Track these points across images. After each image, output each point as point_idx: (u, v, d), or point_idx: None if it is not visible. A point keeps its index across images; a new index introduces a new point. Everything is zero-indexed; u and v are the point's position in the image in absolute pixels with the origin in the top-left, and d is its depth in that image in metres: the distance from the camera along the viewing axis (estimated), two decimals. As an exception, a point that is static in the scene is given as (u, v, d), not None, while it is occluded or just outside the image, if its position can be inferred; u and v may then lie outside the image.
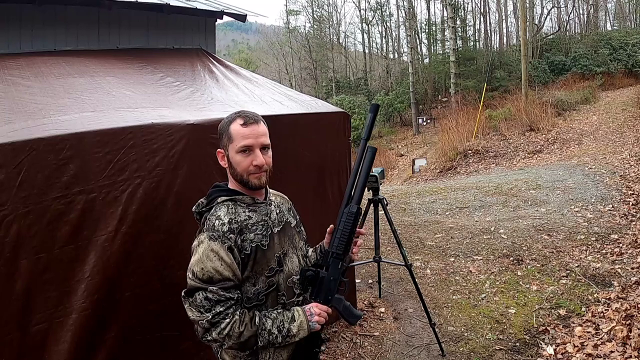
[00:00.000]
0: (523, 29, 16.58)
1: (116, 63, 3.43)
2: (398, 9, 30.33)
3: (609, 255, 4.66)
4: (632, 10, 26.82)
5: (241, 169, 1.46)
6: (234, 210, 1.47)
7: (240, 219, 1.46)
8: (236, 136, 1.46)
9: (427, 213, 7.04)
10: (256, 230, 1.47)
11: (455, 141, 14.19)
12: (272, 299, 1.49)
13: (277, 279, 1.49)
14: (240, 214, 1.47)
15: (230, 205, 1.47)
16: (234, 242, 1.41)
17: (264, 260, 1.46)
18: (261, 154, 1.46)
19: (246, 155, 1.45)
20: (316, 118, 3.26)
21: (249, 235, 1.45)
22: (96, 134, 2.09)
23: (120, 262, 2.11)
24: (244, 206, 1.49)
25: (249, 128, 1.45)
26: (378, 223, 3.44)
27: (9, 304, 1.90)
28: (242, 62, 36.11)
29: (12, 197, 1.88)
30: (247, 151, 1.45)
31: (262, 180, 1.48)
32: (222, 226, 1.41)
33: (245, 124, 1.46)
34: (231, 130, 1.47)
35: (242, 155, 1.45)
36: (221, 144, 1.51)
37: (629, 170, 8.08)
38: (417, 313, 3.79)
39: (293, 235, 1.61)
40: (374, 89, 28.58)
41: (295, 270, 1.56)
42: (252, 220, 1.48)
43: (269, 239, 1.48)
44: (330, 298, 1.52)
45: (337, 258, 1.55)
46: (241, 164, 1.45)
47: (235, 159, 1.46)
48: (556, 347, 3.18)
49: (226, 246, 1.39)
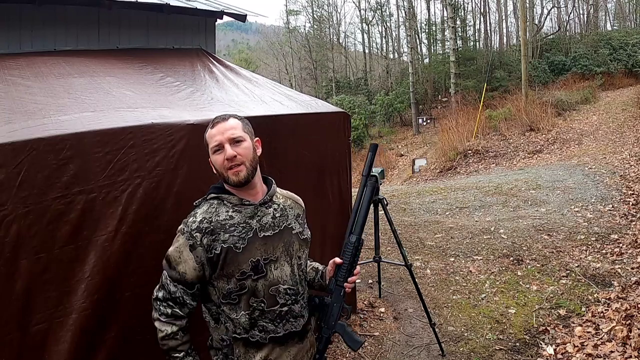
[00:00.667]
0: (523, 29, 16.58)
1: (116, 63, 3.43)
2: (398, 9, 30.36)
3: (609, 255, 4.66)
4: (632, 10, 26.82)
5: (219, 167, 1.50)
6: (215, 210, 1.50)
7: (219, 218, 1.48)
8: (208, 140, 1.52)
9: (427, 213, 7.04)
10: (233, 232, 1.46)
11: (455, 141, 14.19)
12: (245, 303, 1.49)
13: (250, 284, 1.47)
14: (221, 213, 1.49)
15: (213, 204, 1.51)
16: (199, 241, 1.44)
17: (235, 263, 1.45)
18: (232, 147, 1.47)
19: (219, 154, 1.49)
20: (316, 118, 3.26)
21: (222, 236, 1.45)
22: (96, 134, 2.09)
23: (120, 262, 2.11)
24: (230, 206, 1.50)
25: (215, 128, 1.50)
26: (378, 223, 3.44)
27: (9, 304, 1.90)
28: (242, 62, 36.10)
29: (12, 197, 1.88)
30: (219, 150, 1.49)
31: (241, 176, 1.47)
32: (192, 223, 1.47)
33: (213, 126, 1.51)
34: (206, 136, 1.54)
35: (216, 155, 1.50)
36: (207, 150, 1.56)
37: (629, 170, 8.08)
38: (417, 313, 3.79)
39: (291, 243, 1.57)
40: (374, 89, 28.58)
41: (284, 280, 1.52)
42: (233, 221, 1.48)
43: (246, 242, 1.46)
44: (333, 324, 1.58)
45: (340, 286, 1.59)
46: (217, 162, 1.50)
47: (212, 159, 1.52)
48: (556, 347, 3.18)
49: (189, 243, 1.45)
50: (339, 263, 1.60)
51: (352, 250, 1.57)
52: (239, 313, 1.49)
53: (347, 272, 1.57)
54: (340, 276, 1.58)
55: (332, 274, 1.63)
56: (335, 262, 1.61)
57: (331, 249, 3.31)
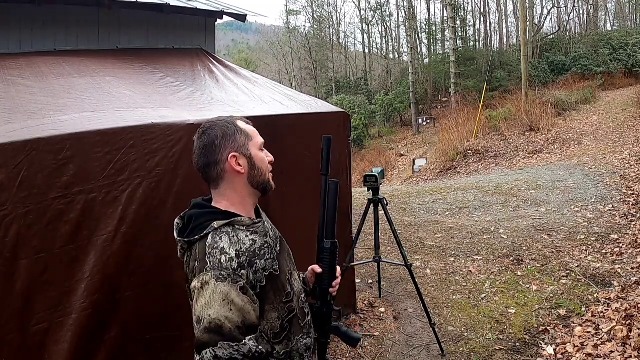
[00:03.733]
0: (523, 29, 16.59)
1: (116, 63, 3.43)
2: (398, 9, 30.36)
3: (609, 255, 4.66)
4: (632, 10, 26.82)
5: (265, 167, 1.34)
6: (237, 238, 1.23)
7: (246, 247, 1.23)
8: (252, 133, 1.34)
9: (427, 213, 7.04)
10: (265, 256, 1.26)
11: (455, 141, 14.19)
12: (296, 325, 1.33)
13: (293, 303, 1.33)
14: (244, 240, 1.24)
15: (230, 233, 1.23)
16: (246, 279, 1.19)
17: (280, 286, 1.29)
18: None
19: (263, 152, 1.35)
20: (316, 118, 3.26)
21: (260, 264, 1.23)
22: (96, 134, 2.09)
23: (120, 262, 2.11)
24: (244, 229, 1.26)
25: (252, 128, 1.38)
26: (378, 223, 3.44)
27: (9, 304, 1.90)
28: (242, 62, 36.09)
29: (12, 197, 1.88)
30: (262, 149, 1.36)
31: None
32: (230, 262, 1.17)
33: (248, 123, 1.38)
34: (243, 128, 1.32)
35: (262, 152, 1.34)
36: (234, 146, 1.29)
37: (629, 170, 8.08)
38: (417, 313, 3.79)
39: (289, 251, 1.46)
40: (374, 89, 28.58)
41: (300, 289, 1.41)
42: (257, 245, 1.26)
43: (277, 262, 1.30)
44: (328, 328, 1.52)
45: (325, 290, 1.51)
46: (264, 161, 1.33)
47: (259, 156, 1.32)
48: (556, 347, 3.18)
49: (238, 286, 1.17)
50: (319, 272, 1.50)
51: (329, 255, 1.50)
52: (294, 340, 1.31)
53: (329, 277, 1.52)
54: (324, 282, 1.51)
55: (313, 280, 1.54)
56: (314, 270, 1.51)
57: (331, 249, 3.31)
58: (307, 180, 3.12)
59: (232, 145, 1.28)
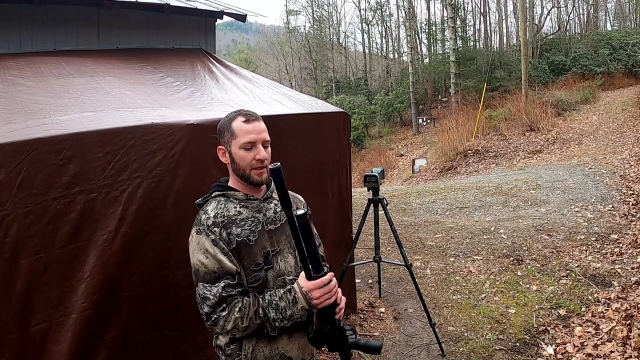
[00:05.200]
0: (523, 29, 16.58)
1: (116, 63, 3.43)
2: (398, 9, 30.39)
3: (609, 255, 4.66)
4: (632, 10, 26.79)
5: (244, 164, 1.50)
6: (224, 205, 1.51)
7: (229, 213, 1.50)
8: (239, 132, 1.50)
9: (427, 213, 7.04)
10: (244, 226, 1.49)
11: (455, 141, 14.20)
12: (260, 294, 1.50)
13: (263, 274, 1.50)
14: (230, 209, 1.51)
15: (221, 201, 1.53)
16: (219, 235, 1.45)
17: (250, 255, 1.48)
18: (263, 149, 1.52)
19: (249, 151, 1.50)
20: (316, 118, 3.26)
21: (235, 230, 1.47)
22: (96, 134, 2.09)
23: (120, 262, 2.11)
24: (236, 202, 1.53)
25: (251, 125, 1.51)
26: (378, 223, 3.44)
27: (9, 304, 1.90)
28: (242, 62, 36.12)
29: (12, 197, 1.88)
30: (250, 148, 1.50)
31: (264, 177, 1.52)
32: (207, 220, 1.47)
33: (248, 121, 1.51)
34: (234, 127, 1.52)
35: (245, 151, 1.50)
36: (222, 141, 1.55)
37: (629, 170, 8.08)
38: (417, 313, 3.79)
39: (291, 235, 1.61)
40: (374, 89, 28.59)
41: (289, 270, 1.56)
42: (242, 216, 1.51)
43: (257, 235, 1.50)
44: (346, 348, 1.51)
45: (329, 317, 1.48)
46: (245, 158, 1.50)
47: (238, 154, 1.51)
48: (556, 347, 3.18)
49: (210, 239, 1.43)
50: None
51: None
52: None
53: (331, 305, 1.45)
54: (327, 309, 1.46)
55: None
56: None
57: (331, 248, 3.32)
58: (307, 180, 3.12)
59: (221, 139, 1.56)
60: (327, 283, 1.42)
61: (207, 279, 1.42)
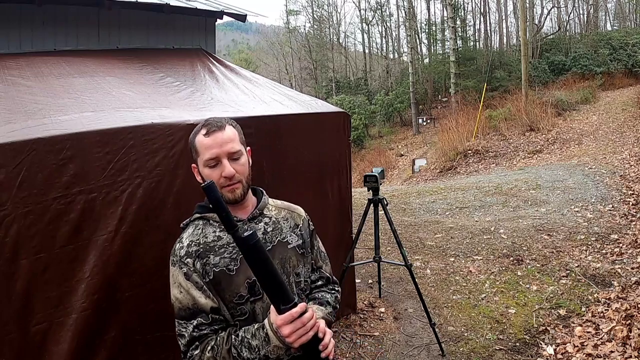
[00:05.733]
0: (523, 29, 16.58)
1: (116, 63, 3.43)
2: (398, 9, 30.39)
3: (609, 255, 4.66)
4: (632, 10, 26.79)
5: None
6: (201, 231, 1.37)
7: (207, 240, 1.34)
8: (201, 149, 1.34)
9: (427, 213, 7.04)
10: (223, 253, 1.33)
11: (455, 141, 14.20)
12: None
13: (249, 307, 1.33)
14: (209, 234, 1.36)
15: (199, 225, 1.38)
16: (192, 267, 1.31)
17: (231, 287, 1.31)
18: (229, 163, 1.32)
19: (214, 168, 1.33)
20: (316, 118, 3.26)
21: (212, 259, 1.32)
22: (96, 134, 2.09)
23: (120, 262, 2.11)
24: (216, 225, 1.37)
25: (210, 137, 1.33)
26: (378, 223, 3.44)
27: (9, 304, 1.90)
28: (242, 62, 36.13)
29: (12, 197, 1.88)
30: (214, 163, 1.32)
31: (237, 194, 1.34)
32: (180, 250, 1.34)
33: (207, 134, 1.33)
34: (196, 143, 1.36)
35: (210, 169, 1.33)
36: (194, 160, 1.41)
37: (629, 170, 8.08)
38: (417, 313, 3.79)
39: (287, 259, 1.41)
40: (374, 89, 28.59)
41: None
42: (222, 242, 1.34)
43: (239, 263, 1.32)
44: None
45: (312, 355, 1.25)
46: (211, 177, 1.32)
47: (204, 173, 1.35)
48: (556, 347, 3.18)
49: (182, 272, 1.31)
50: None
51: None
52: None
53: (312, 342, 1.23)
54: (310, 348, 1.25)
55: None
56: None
57: (331, 248, 3.31)
58: (307, 180, 3.13)
59: (192, 155, 1.41)
60: (296, 317, 1.16)
61: (182, 316, 1.30)
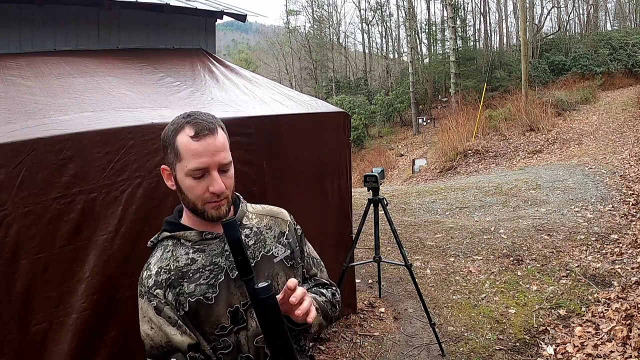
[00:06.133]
0: (523, 29, 16.58)
1: (116, 63, 3.43)
2: (398, 9, 30.37)
3: (609, 255, 4.66)
4: (632, 10, 26.79)
5: (194, 197, 1.09)
6: (171, 254, 1.14)
7: (179, 264, 1.12)
8: (185, 153, 1.07)
9: (427, 213, 7.04)
10: (199, 280, 1.10)
11: (455, 141, 14.20)
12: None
13: (233, 339, 1.12)
14: (181, 257, 1.13)
15: (168, 246, 1.15)
16: (163, 299, 1.10)
17: (211, 318, 1.11)
18: (220, 176, 1.08)
19: (200, 179, 1.08)
20: (316, 118, 3.26)
21: (187, 287, 1.10)
22: (96, 134, 2.09)
23: (120, 262, 2.11)
24: (188, 245, 1.14)
25: (201, 143, 1.06)
26: (378, 223, 3.44)
27: (9, 304, 1.90)
28: (242, 62, 36.11)
29: (12, 197, 1.88)
30: (200, 175, 1.07)
31: (222, 211, 1.11)
32: (148, 279, 1.13)
33: (197, 136, 1.06)
34: (178, 144, 1.08)
35: (193, 180, 1.08)
36: (166, 160, 1.13)
37: (629, 170, 8.08)
38: (417, 313, 3.79)
39: (274, 275, 1.19)
40: (374, 89, 28.59)
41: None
42: (196, 265, 1.12)
43: (218, 289, 1.11)
44: None
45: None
46: (193, 190, 1.08)
47: (185, 183, 1.09)
48: (556, 347, 3.18)
49: (152, 305, 1.11)
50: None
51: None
52: None
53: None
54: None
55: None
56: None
57: (331, 248, 3.32)
58: (307, 180, 3.13)
59: (165, 157, 1.14)
60: None
61: (155, 355, 1.10)
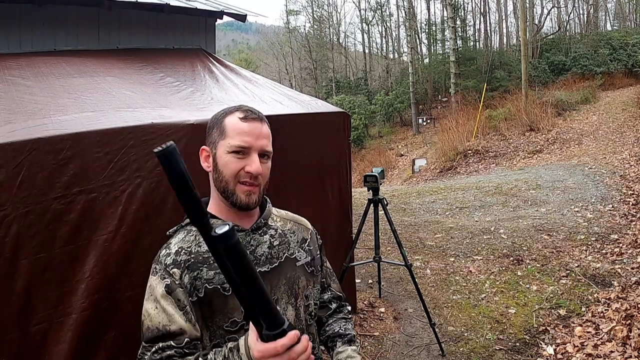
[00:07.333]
0: (523, 29, 16.57)
1: (116, 63, 3.43)
2: (398, 9, 30.39)
3: (609, 255, 4.66)
4: (632, 10, 26.79)
5: (229, 174, 1.09)
6: (195, 238, 1.12)
7: (201, 249, 1.10)
8: (231, 131, 1.10)
9: (427, 213, 7.04)
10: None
11: (455, 141, 14.20)
12: None
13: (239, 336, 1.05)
14: (203, 243, 1.04)
15: (191, 231, 1.14)
16: (178, 280, 1.06)
17: (224, 310, 1.07)
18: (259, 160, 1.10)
19: (239, 157, 1.09)
20: (316, 118, 3.26)
21: (206, 273, 1.07)
22: (96, 134, 2.09)
23: (120, 262, 2.11)
24: None
25: (249, 124, 1.11)
26: (378, 223, 3.44)
27: (9, 304, 1.90)
28: (242, 62, 36.12)
29: (12, 197, 1.88)
30: (241, 153, 1.09)
31: (252, 199, 1.10)
32: (166, 257, 1.09)
33: (246, 119, 1.11)
34: (226, 123, 1.12)
35: (233, 156, 1.09)
36: (208, 140, 1.16)
37: (629, 170, 8.09)
38: (417, 313, 3.79)
39: (296, 278, 1.18)
40: (374, 89, 28.59)
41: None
42: None
43: None
44: None
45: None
46: (229, 165, 1.09)
47: (223, 158, 1.10)
48: (556, 347, 3.18)
49: (165, 283, 1.06)
50: None
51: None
52: None
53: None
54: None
55: None
56: None
57: (331, 248, 3.32)
58: (307, 180, 3.13)
59: (207, 138, 1.17)
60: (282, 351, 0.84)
61: (149, 338, 1.07)
